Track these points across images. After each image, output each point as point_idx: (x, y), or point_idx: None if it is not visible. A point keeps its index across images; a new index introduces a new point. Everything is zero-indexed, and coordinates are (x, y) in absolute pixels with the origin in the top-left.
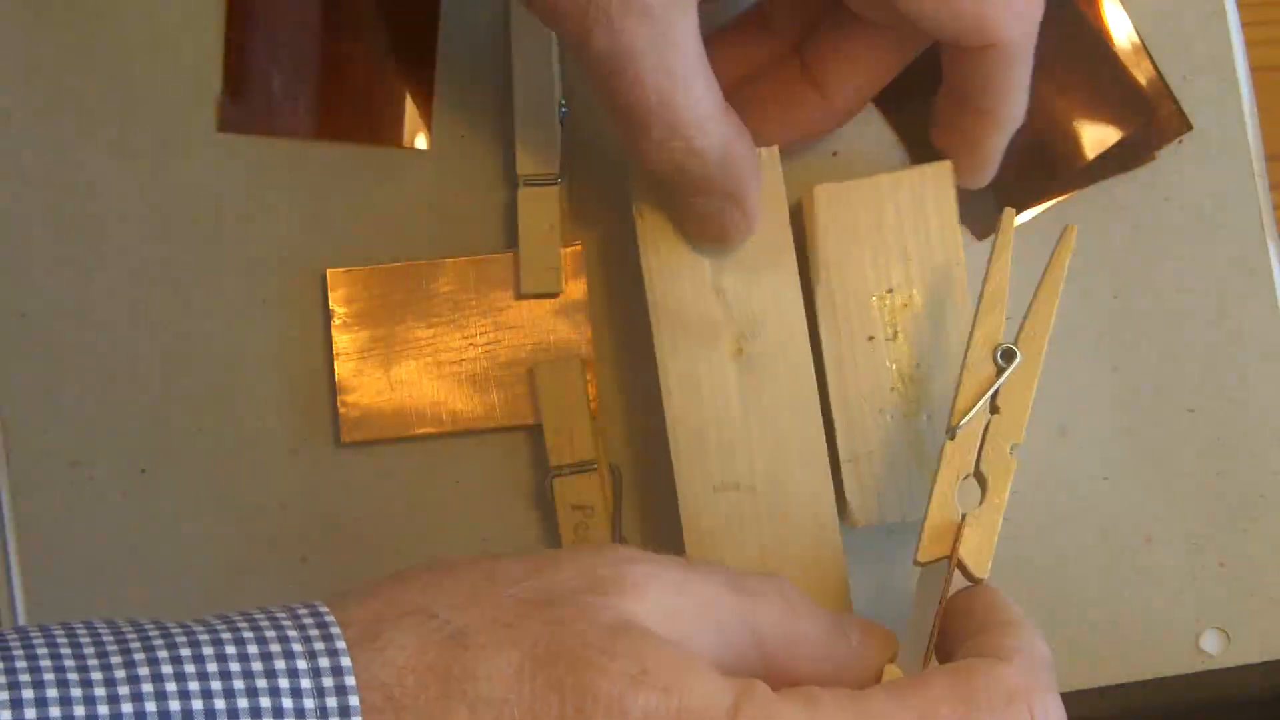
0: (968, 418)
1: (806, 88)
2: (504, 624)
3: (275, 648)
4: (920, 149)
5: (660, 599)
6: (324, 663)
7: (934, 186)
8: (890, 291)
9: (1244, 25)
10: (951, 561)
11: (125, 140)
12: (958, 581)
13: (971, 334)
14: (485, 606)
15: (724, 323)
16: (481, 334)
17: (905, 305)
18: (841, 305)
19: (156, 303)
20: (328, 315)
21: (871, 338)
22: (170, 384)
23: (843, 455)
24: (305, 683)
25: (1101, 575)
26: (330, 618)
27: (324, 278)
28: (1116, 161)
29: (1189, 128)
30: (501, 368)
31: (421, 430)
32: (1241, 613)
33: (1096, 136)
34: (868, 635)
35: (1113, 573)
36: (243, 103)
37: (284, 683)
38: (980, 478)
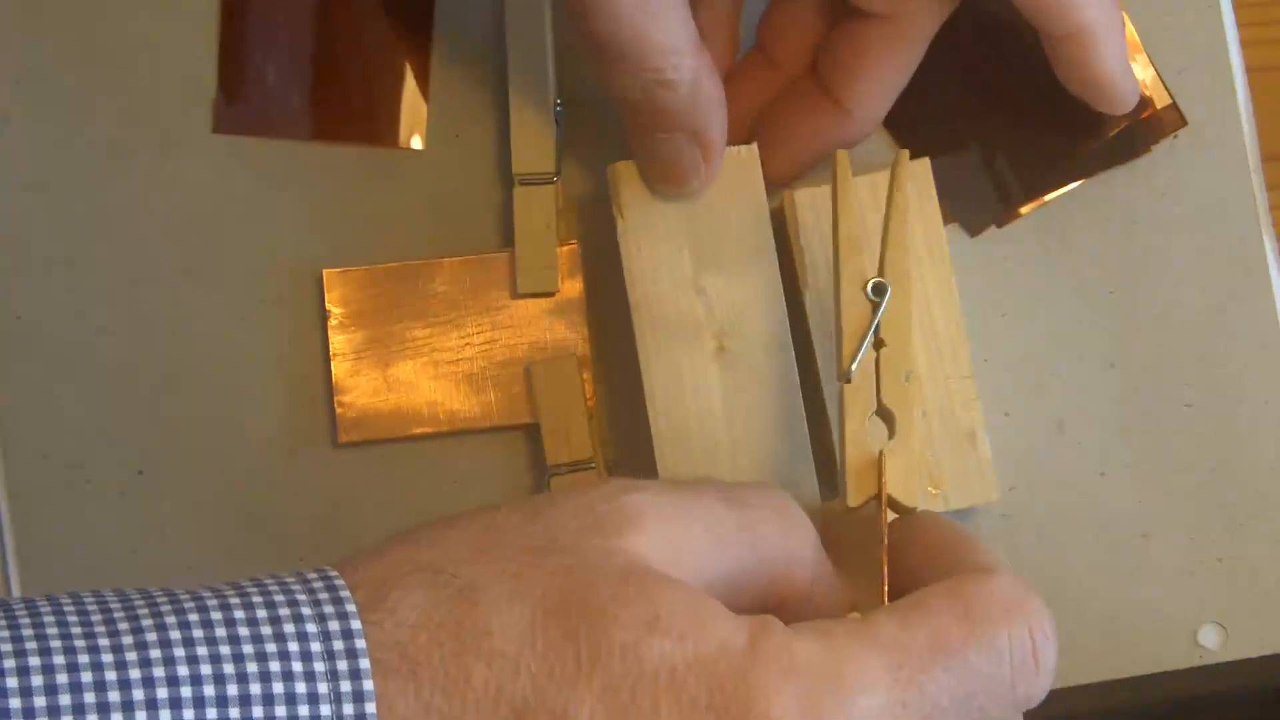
0: (858, 358)
1: (822, 98)
2: (512, 575)
3: (284, 612)
4: (916, 144)
5: (661, 527)
6: (334, 626)
7: (912, 185)
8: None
9: (1241, 25)
10: (882, 498)
11: (121, 141)
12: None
13: (838, 280)
14: (492, 559)
15: (705, 321)
16: (478, 333)
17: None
18: (832, 308)
19: (152, 304)
20: (324, 316)
21: None
22: (167, 385)
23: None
24: (315, 646)
25: (1099, 571)
26: (339, 581)
27: (320, 278)
28: (1111, 156)
29: (1184, 123)
30: (498, 367)
31: (419, 430)
32: (1239, 607)
33: (1091, 130)
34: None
35: (1110, 568)
36: (238, 104)
37: (294, 646)
38: (885, 413)
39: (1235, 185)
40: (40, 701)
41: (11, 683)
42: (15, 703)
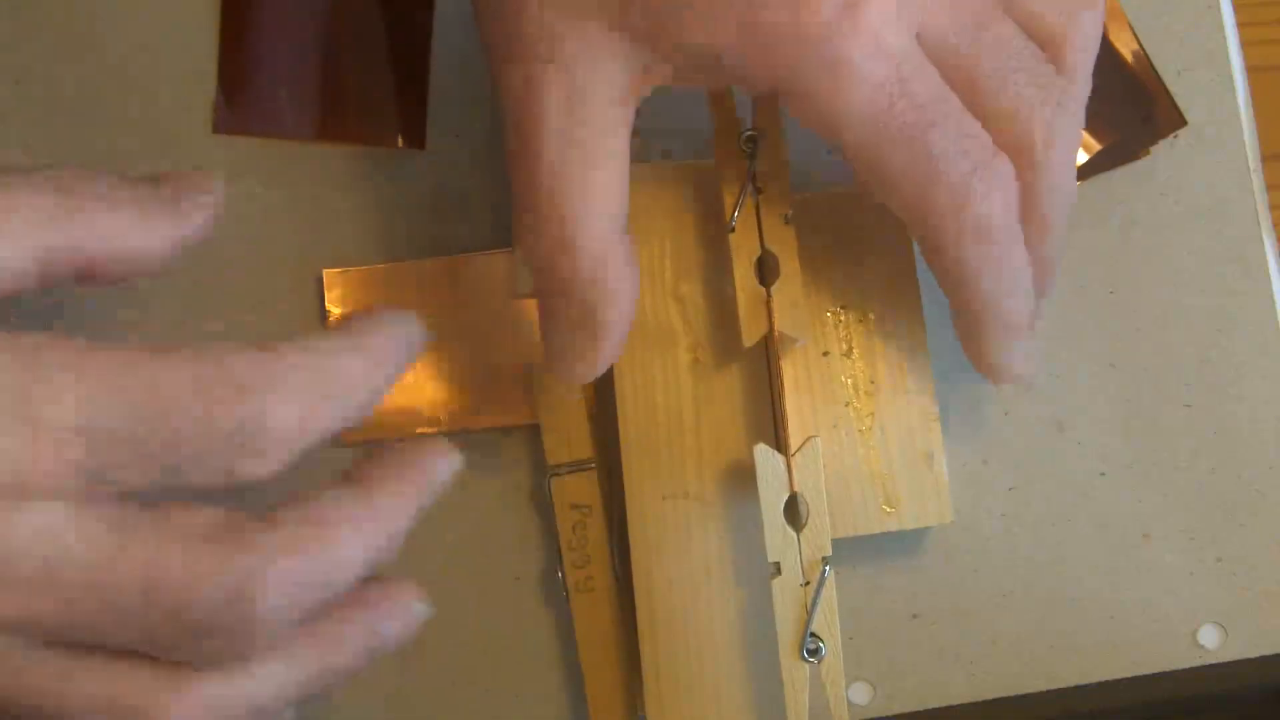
0: (739, 206)
1: None
2: None
3: None
4: None
5: None
6: None
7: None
8: (844, 308)
9: (1241, 25)
10: (773, 335)
11: (121, 142)
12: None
13: (718, 140)
14: None
15: (682, 331)
16: (478, 333)
17: (860, 321)
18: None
19: (152, 305)
20: (324, 316)
21: (826, 353)
22: None
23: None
24: None
25: (1099, 571)
26: None
27: (320, 278)
28: (1111, 157)
29: (1184, 123)
30: (498, 367)
31: (419, 430)
32: (1238, 607)
33: (1092, 132)
34: (181, 185)
35: (1110, 568)
36: (238, 104)
37: None
38: (770, 256)
39: (1235, 185)
40: None
41: None
42: None
